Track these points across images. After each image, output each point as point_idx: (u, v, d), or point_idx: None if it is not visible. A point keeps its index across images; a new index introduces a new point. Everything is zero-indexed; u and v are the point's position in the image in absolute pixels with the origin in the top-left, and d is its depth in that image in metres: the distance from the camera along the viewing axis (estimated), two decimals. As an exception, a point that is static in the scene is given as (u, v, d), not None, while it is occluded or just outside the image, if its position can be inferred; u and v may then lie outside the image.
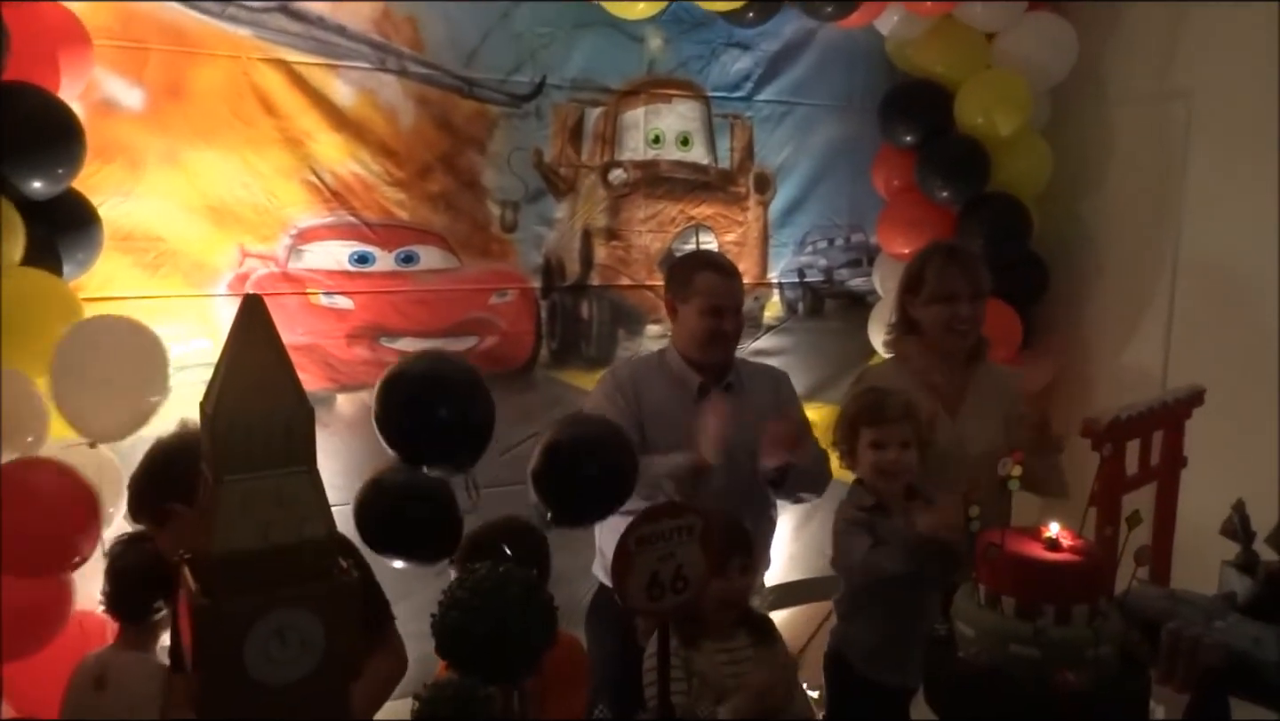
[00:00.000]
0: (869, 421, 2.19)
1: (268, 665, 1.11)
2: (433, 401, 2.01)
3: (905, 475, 2.18)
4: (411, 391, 2.01)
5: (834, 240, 3.74)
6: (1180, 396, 2.61)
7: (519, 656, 1.33)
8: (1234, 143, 3.13)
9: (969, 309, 2.40)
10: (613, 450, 2.02)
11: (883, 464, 2.16)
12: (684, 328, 2.52)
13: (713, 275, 2.49)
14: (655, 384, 2.50)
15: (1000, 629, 1.56)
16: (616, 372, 2.59)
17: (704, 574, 1.48)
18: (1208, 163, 3.20)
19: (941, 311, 2.41)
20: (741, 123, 3.50)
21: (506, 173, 3.09)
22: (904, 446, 2.16)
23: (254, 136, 2.72)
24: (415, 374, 2.03)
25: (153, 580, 1.77)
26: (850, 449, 2.24)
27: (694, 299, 2.47)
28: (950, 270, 2.41)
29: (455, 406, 2.01)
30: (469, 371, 2.11)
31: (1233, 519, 2.26)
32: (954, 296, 2.40)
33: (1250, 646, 1.91)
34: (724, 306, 2.47)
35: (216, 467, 1.13)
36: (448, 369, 2.09)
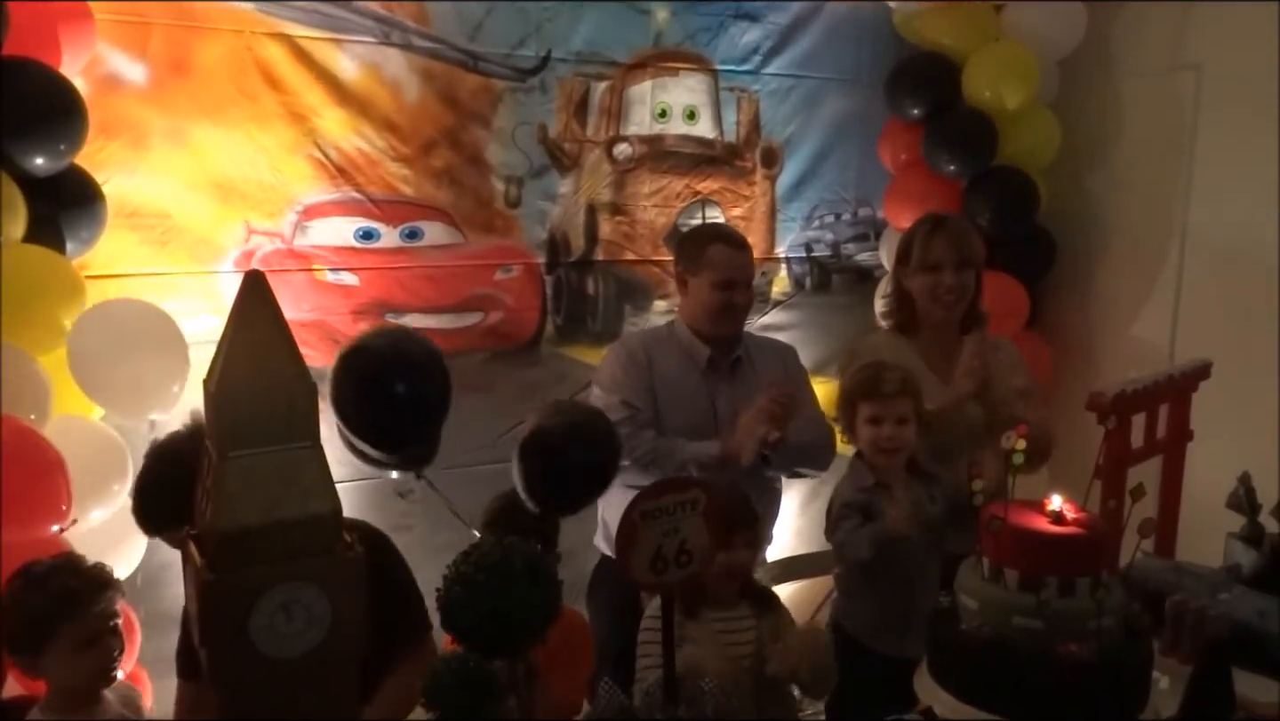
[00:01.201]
0: (865, 396, 2.19)
1: (273, 639, 1.13)
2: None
3: (903, 451, 2.18)
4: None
5: (841, 214, 3.72)
6: (1186, 370, 2.60)
7: (524, 630, 1.33)
8: (1243, 116, 3.10)
9: (953, 278, 2.39)
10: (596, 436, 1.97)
11: (879, 439, 2.16)
12: (695, 301, 2.50)
13: (724, 248, 2.47)
14: (666, 355, 2.50)
15: (1004, 601, 1.56)
16: (628, 342, 2.59)
17: (708, 547, 1.48)
18: (1216, 136, 3.18)
19: (926, 280, 2.41)
20: (748, 96, 3.47)
21: (511, 148, 3.08)
22: (901, 422, 2.16)
23: (258, 112, 2.71)
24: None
25: None
26: (849, 424, 2.25)
27: (705, 271, 2.46)
28: (935, 239, 2.41)
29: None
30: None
31: (1238, 492, 2.27)
32: (938, 265, 2.40)
33: (1255, 619, 1.92)
34: (735, 280, 2.46)
35: (220, 443, 1.14)
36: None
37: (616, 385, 2.43)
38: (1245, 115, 3.09)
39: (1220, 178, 3.18)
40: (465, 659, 1.32)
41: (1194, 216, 3.25)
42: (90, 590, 1.72)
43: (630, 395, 2.40)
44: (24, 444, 2.13)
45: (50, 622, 1.67)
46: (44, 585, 1.69)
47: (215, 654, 1.13)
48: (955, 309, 2.43)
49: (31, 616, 1.68)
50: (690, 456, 2.32)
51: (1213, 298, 3.22)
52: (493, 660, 1.36)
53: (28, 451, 2.13)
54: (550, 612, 1.40)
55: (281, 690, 1.15)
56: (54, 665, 1.70)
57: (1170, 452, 2.62)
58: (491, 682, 1.34)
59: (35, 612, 1.67)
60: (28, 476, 2.11)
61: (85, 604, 1.70)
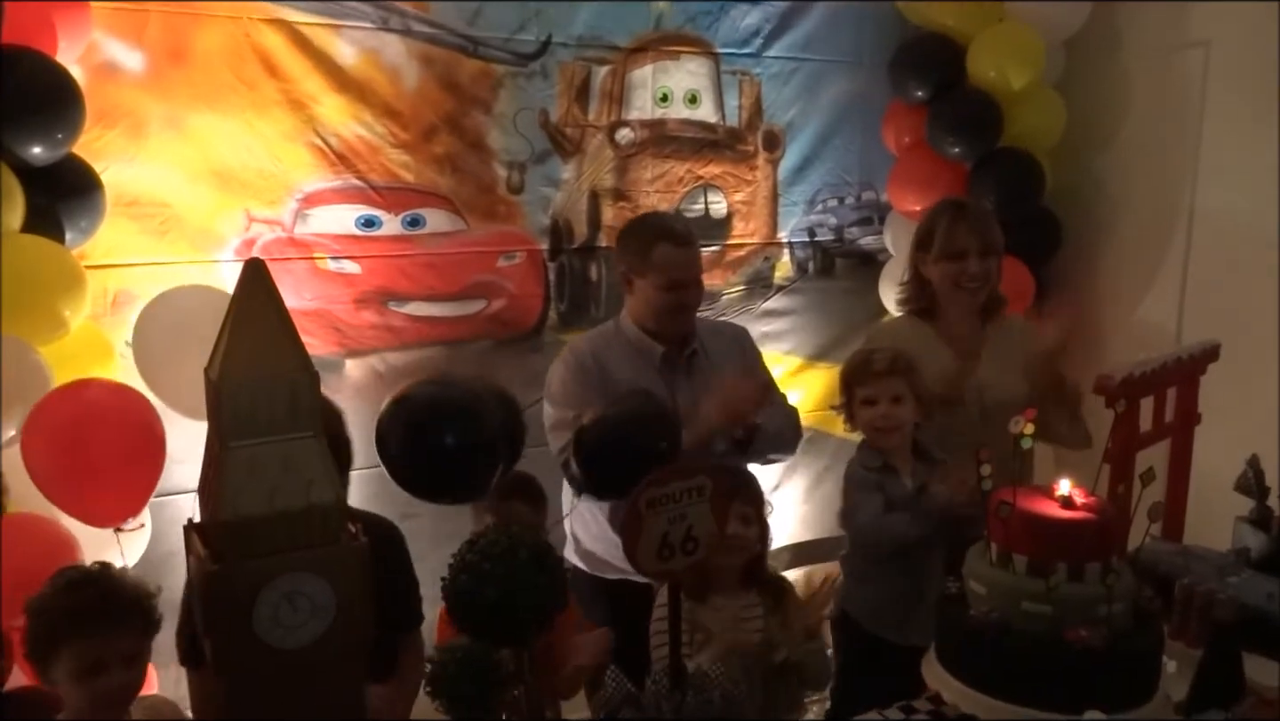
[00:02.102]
0: (858, 379, 2.19)
1: (277, 629, 1.12)
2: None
3: (899, 430, 2.17)
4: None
5: (844, 198, 3.69)
6: (1195, 352, 2.58)
7: (529, 619, 1.33)
8: (1252, 94, 3.07)
9: (978, 265, 2.37)
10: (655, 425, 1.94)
11: (875, 420, 2.16)
12: (642, 301, 2.40)
13: (670, 248, 2.34)
14: (618, 358, 2.41)
15: (1013, 586, 1.55)
16: (576, 349, 2.47)
17: (713, 534, 1.47)
18: (1224, 115, 3.15)
19: (950, 268, 2.38)
20: (750, 80, 3.45)
21: (512, 133, 3.06)
22: (895, 401, 2.15)
23: (257, 99, 2.69)
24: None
25: None
26: (849, 409, 2.24)
27: (651, 274, 2.35)
28: (959, 227, 2.38)
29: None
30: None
31: (1247, 475, 2.26)
32: (963, 253, 2.37)
33: (1264, 602, 1.91)
34: (684, 280, 2.36)
35: (222, 433, 1.13)
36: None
37: (568, 396, 2.33)
38: (1254, 94, 3.06)
39: (1228, 157, 3.15)
40: (471, 648, 1.32)
41: (1201, 197, 3.22)
42: (112, 614, 1.52)
43: (578, 403, 2.27)
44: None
45: (56, 638, 1.51)
46: (65, 596, 1.53)
47: (219, 645, 1.13)
48: (979, 295, 2.41)
49: (42, 625, 1.53)
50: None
51: (1220, 279, 3.19)
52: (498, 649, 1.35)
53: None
54: (556, 601, 1.39)
55: (286, 680, 1.14)
56: (60, 683, 1.54)
57: (1178, 436, 2.60)
58: (497, 671, 1.33)
59: (46, 623, 1.52)
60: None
61: (98, 628, 1.50)
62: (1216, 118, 3.17)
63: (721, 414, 2.26)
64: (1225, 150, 3.15)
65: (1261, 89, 3.03)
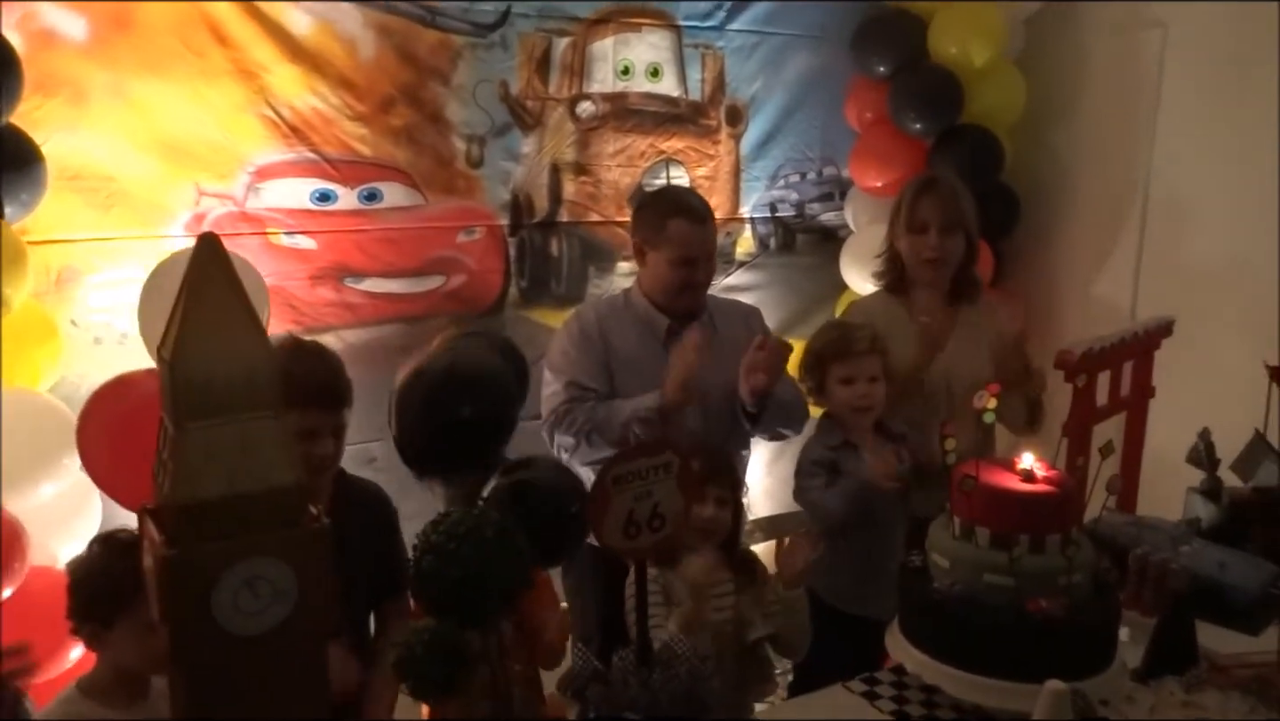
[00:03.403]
0: (837, 356, 2.18)
1: (238, 616, 1.09)
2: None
3: (875, 409, 2.18)
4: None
5: (806, 174, 3.69)
6: (1150, 327, 2.63)
7: (496, 599, 1.31)
8: (1207, 75, 3.12)
9: (937, 239, 2.38)
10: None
11: (853, 399, 2.16)
12: (653, 275, 2.41)
13: (685, 224, 2.35)
14: (623, 328, 2.41)
15: (975, 559, 1.57)
16: (582, 317, 2.48)
17: (681, 511, 1.47)
18: (1181, 93, 3.19)
19: (914, 241, 2.40)
20: (713, 53, 3.42)
21: (472, 106, 3.01)
22: (872, 380, 2.16)
23: (206, 68, 2.61)
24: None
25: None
26: (819, 384, 2.24)
27: (664, 247, 2.36)
28: (922, 200, 2.40)
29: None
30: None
31: (1198, 447, 2.30)
32: (924, 226, 2.38)
33: (1215, 571, 1.95)
34: (696, 256, 2.36)
35: (176, 414, 1.09)
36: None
37: (569, 364, 2.34)
38: (1209, 74, 3.11)
39: (1183, 137, 3.19)
40: (437, 629, 1.30)
41: (1157, 173, 3.27)
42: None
43: (581, 375, 2.31)
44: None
45: (130, 594, 1.48)
46: (133, 553, 1.48)
47: (177, 632, 1.10)
48: (941, 271, 2.41)
49: (113, 584, 1.54)
50: (630, 415, 2.23)
51: (1173, 255, 3.25)
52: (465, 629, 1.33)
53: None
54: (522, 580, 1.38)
55: (247, 667, 1.11)
56: (121, 641, 1.57)
57: (1133, 410, 2.65)
58: (463, 652, 1.32)
59: (118, 581, 1.52)
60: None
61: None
62: (1172, 98, 3.21)
63: (741, 379, 2.24)
64: (1180, 129, 3.20)
65: (1216, 70, 3.08)
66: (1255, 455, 2.25)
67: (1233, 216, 3.07)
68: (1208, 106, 3.10)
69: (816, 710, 1.73)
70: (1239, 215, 3.05)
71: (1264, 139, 2.94)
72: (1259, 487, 2.24)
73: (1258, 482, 2.24)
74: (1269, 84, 2.92)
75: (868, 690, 1.73)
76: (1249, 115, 2.98)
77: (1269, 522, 2.17)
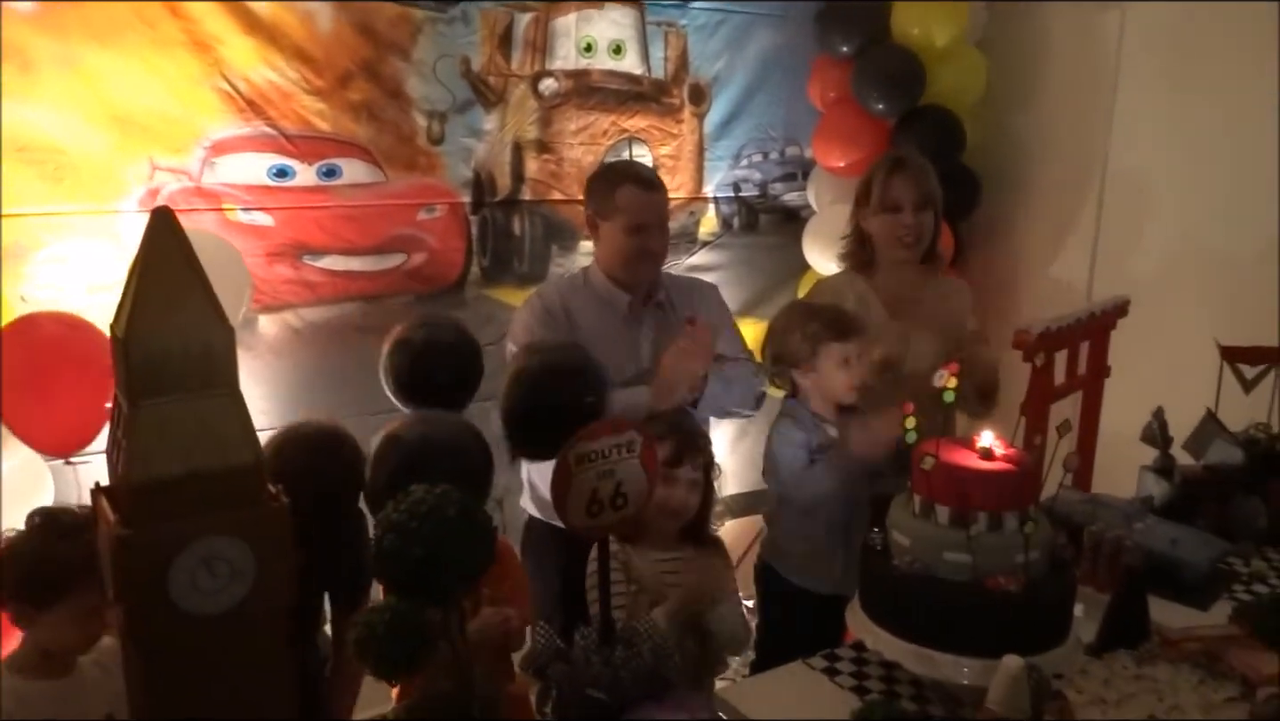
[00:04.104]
0: (837, 337, 2.14)
1: (195, 595, 1.08)
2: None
3: (864, 389, 2.18)
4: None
5: (769, 154, 3.69)
6: (1107, 307, 2.67)
7: (458, 577, 1.30)
8: (1164, 57, 3.15)
9: (913, 218, 2.37)
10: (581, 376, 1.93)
11: (851, 380, 2.14)
12: (607, 246, 2.40)
13: (635, 190, 2.34)
14: (584, 306, 2.40)
15: (934, 537, 1.59)
16: (544, 295, 2.45)
17: (644, 490, 1.47)
18: (1138, 76, 3.23)
19: (886, 221, 2.39)
20: (676, 31, 3.40)
21: (432, 81, 2.97)
22: (859, 359, 2.16)
23: (159, 39, 2.55)
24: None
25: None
26: (806, 364, 2.20)
27: (616, 216, 2.34)
28: (895, 179, 2.39)
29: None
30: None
31: (1152, 426, 2.35)
32: (898, 206, 2.37)
33: (1167, 547, 2.00)
34: (648, 223, 2.34)
35: (131, 391, 1.07)
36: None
37: (533, 340, 2.31)
38: (1166, 56, 3.14)
39: (1140, 119, 3.23)
40: (398, 608, 1.29)
41: (1114, 155, 3.31)
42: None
43: None
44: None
45: (73, 578, 1.48)
46: (76, 537, 1.49)
47: (132, 612, 1.08)
48: (915, 249, 2.41)
49: (52, 570, 1.50)
50: (620, 410, 2.20)
51: (1129, 236, 3.30)
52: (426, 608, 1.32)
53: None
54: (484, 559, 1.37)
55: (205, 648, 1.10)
56: (54, 625, 1.53)
57: (1089, 389, 2.70)
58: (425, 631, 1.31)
59: (63, 564, 1.49)
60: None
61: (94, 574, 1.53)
62: (1130, 80, 3.24)
63: (679, 365, 2.23)
64: (1138, 112, 3.24)
65: (1174, 53, 3.12)
66: (1207, 433, 2.30)
67: (1188, 198, 3.12)
68: (1165, 89, 3.14)
69: (777, 686, 1.74)
70: (1194, 197, 3.10)
71: (1220, 121, 2.99)
72: (1210, 465, 2.29)
73: (1209, 460, 2.29)
74: (1225, 66, 2.97)
75: (828, 666, 1.74)
76: (1205, 97, 3.02)
77: (1219, 499, 2.22)
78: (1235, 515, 2.19)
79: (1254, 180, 2.92)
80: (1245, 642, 1.63)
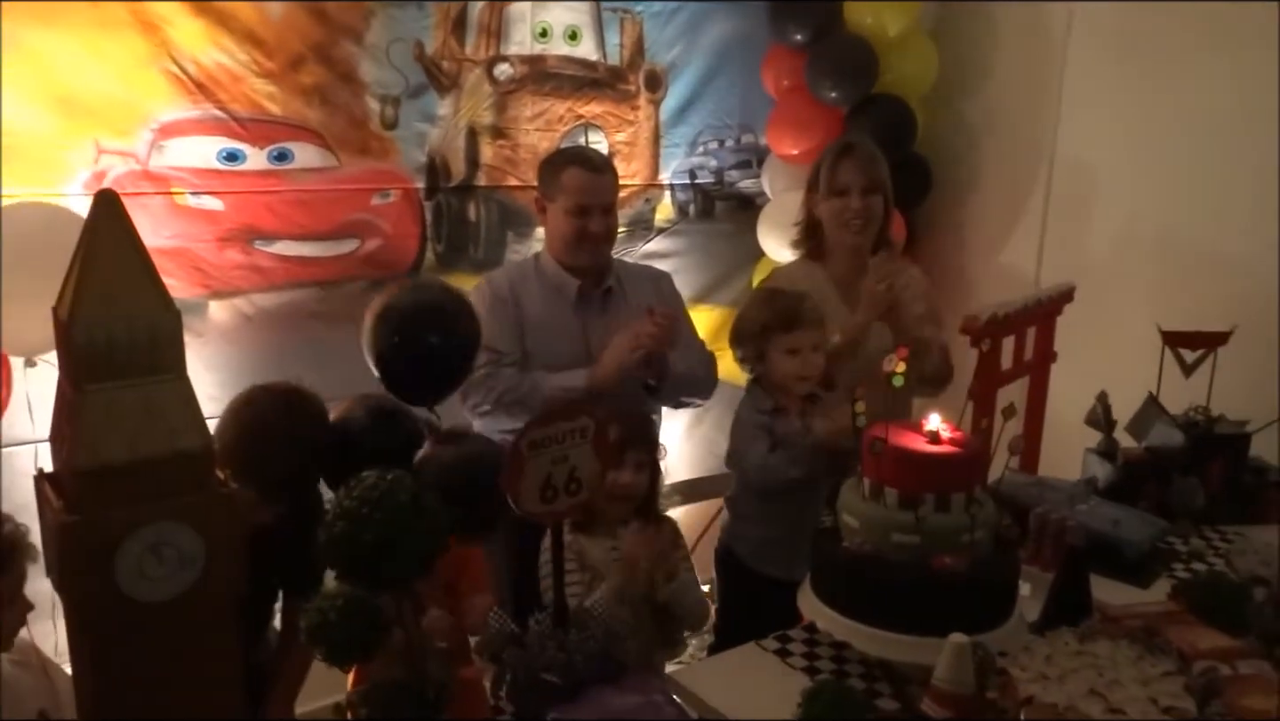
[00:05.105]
0: (784, 328, 2.17)
1: (142, 582, 1.07)
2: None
3: (815, 378, 2.20)
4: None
5: (725, 141, 3.71)
6: (1053, 294, 2.72)
7: (410, 564, 1.30)
8: (1112, 46, 3.20)
9: (860, 202, 2.40)
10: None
11: (800, 369, 2.17)
12: (552, 228, 2.41)
13: (580, 172, 2.35)
14: (533, 291, 2.40)
15: (883, 519, 1.62)
16: (493, 281, 2.46)
17: (597, 474, 1.48)
18: (1085, 65, 3.28)
19: (835, 206, 2.42)
20: (631, 18, 3.40)
21: (386, 66, 2.93)
22: (814, 350, 2.18)
23: (104, 19, 2.49)
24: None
25: None
26: (759, 353, 2.23)
27: (560, 197, 2.35)
28: (843, 164, 2.41)
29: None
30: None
31: (1096, 409, 2.41)
32: (845, 190, 2.40)
33: (1109, 528, 2.05)
34: (590, 205, 2.35)
35: (76, 376, 1.06)
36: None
37: (483, 328, 2.34)
38: (1113, 46, 3.20)
39: (1087, 107, 3.29)
40: (351, 595, 1.29)
41: (1061, 143, 3.37)
42: (15, 549, 1.49)
43: (495, 339, 2.27)
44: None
45: None
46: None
47: (77, 600, 1.07)
48: (863, 234, 2.43)
49: None
50: (555, 389, 2.24)
51: (1076, 224, 3.36)
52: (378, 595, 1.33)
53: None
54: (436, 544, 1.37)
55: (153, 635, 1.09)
56: None
57: (1036, 374, 2.75)
58: (378, 618, 1.31)
59: None
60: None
61: (9, 563, 1.48)
62: (1077, 70, 3.30)
63: (629, 347, 2.24)
64: (1084, 101, 3.29)
65: (1120, 43, 3.17)
66: (1148, 416, 2.36)
67: (1132, 186, 3.18)
68: (1111, 78, 3.20)
69: (729, 667, 1.76)
70: (1138, 185, 3.16)
71: (1164, 110, 3.05)
72: (1151, 447, 2.35)
73: (1150, 443, 2.36)
74: (1169, 58, 3.03)
75: (780, 647, 1.77)
76: (1150, 86, 3.08)
77: (1160, 480, 2.29)
78: (1175, 495, 2.26)
79: (1194, 169, 2.99)
80: (1182, 619, 1.67)
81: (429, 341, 1.76)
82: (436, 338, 1.77)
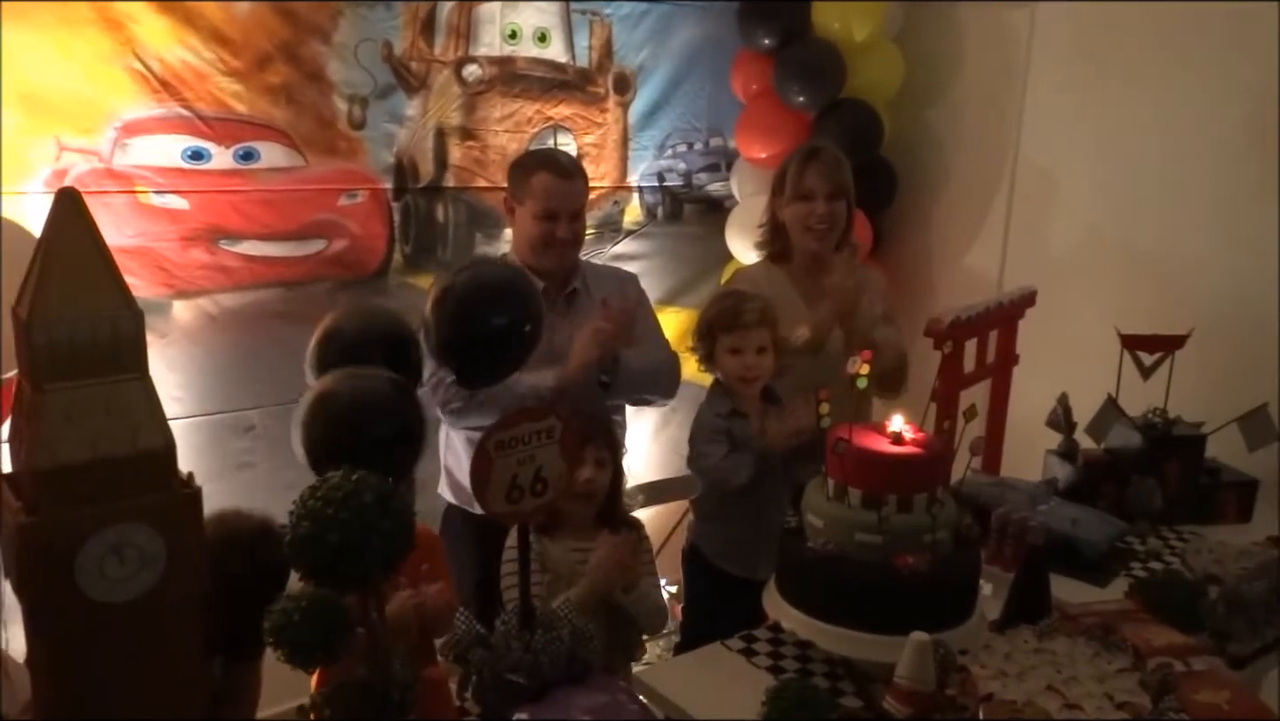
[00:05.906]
0: (726, 327, 2.21)
1: (104, 583, 1.06)
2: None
3: (762, 379, 2.23)
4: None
5: (693, 144, 3.73)
6: (1015, 297, 2.76)
7: (375, 564, 1.30)
8: (1073, 52, 3.25)
9: (825, 207, 2.42)
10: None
11: (740, 370, 2.20)
12: (520, 231, 2.42)
13: (549, 177, 2.36)
14: None
15: (847, 519, 1.64)
16: None
17: (563, 475, 1.48)
18: (1047, 72, 3.32)
19: (799, 210, 2.44)
20: (600, 20, 3.40)
21: (354, 65, 2.92)
22: (760, 351, 2.20)
23: (67, 15, 2.46)
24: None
25: None
26: (709, 354, 2.27)
27: (529, 201, 2.36)
28: (808, 169, 2.44)
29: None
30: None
31: (1057, 411, 2.45)
32: (810, 195, 2.43)
33: (1069, 527, 2.09)
34: (557, 211, 2.36)
35: (35, 376, 1.05)
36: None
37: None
38: (1074, 53, 3.24)
39: (1049, 113, 3.34)
40: (315, 596, 1.28)
41: (1024, 148, 3.41)
42: None
43: None
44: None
45: None
46: None
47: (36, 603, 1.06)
48: (827, 238, 2.46)
49: None
50: (527, 392, 2.24)
51: (1038, 228, 3.40)
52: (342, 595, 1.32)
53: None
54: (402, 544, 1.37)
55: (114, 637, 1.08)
56: None
57: (998, 376, 2.79)
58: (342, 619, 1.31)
59: None
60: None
61: None
62: (1039, 76, 3.34)
63: (586, 345, 2.25)
64: (1046, 107, 3.34)
65: (1081, 49, 3.22)
66: (1107, 418, 2.41)
67: (1093, 191, 3.23)
68: (1072, 84, 3.25)
69: (694, 667, 1.78)
70: (1099, 190, 3.21)
71: (1124, 116, 3.10)
72: (1110, 448, 2.40)
73: (1109, 444, 2.40)
74: (1130, 64, 3.07)
75: (745, 647, 1.78)
76: (1111, 92, 3.12)
77: (1118, 481, 2.33)
78: (1133, 496, 2.30)
79: (1154, 175, 3.04)
80: (1138, 617, 1.71)
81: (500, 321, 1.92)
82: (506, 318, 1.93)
